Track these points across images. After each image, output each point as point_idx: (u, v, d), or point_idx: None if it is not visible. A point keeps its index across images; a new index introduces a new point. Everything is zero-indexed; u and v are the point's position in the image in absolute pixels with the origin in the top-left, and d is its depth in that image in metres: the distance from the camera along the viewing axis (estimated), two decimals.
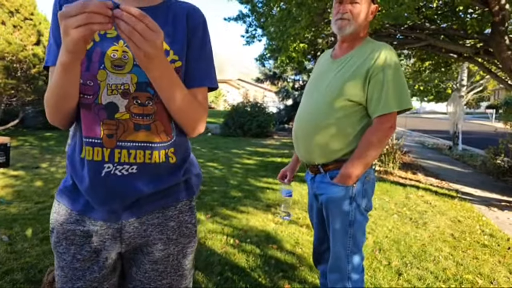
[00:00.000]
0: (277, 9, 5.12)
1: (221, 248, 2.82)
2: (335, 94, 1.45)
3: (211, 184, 4.93)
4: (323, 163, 1.50)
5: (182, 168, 0.92)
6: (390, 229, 3.37)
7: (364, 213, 1.47)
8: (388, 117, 1.39)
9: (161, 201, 0.89)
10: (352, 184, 1.42)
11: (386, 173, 6.04)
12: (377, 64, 1.39)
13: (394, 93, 1.38)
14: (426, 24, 5.28)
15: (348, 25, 1.46)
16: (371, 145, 1.39)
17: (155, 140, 0.84)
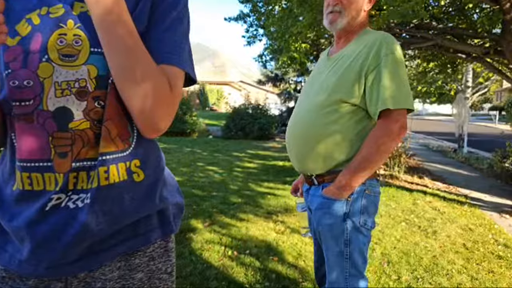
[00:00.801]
0: (279, 8, 4.95)
1: (219, 260, 2.65)
2: (327, 95, 1.25)
3: (210, 189, 4.75)
4: (317, 174, 1.31)
5: (155, 191, 0.67)
6: (399, 238, 3.18)
7: (363, 231, 1.24)
8: (392, 115, 1.16)
9: (124, 244, 0.65)
10: (346, 198, 1.21)
11: (392, 178, 5.84)
12: (373, 57, 1.18)
13: (391, 89, 1.16)
14: (433, 23, 5.10)
15: (340, 17, 1.28)
16: (372, 150, 1.17)
17: (110, 149, 0.60)
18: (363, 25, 1.34)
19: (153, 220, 0.69)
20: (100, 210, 0.60)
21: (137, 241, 0.67)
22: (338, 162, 1.25)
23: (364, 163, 1.18)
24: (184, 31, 0.67)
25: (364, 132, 1.23)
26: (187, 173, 5.73)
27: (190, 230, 3.20)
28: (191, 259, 2.65)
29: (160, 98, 0.60)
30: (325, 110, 1.24)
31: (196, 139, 11.14)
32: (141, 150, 0.65)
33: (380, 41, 1.20)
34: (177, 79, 0.64)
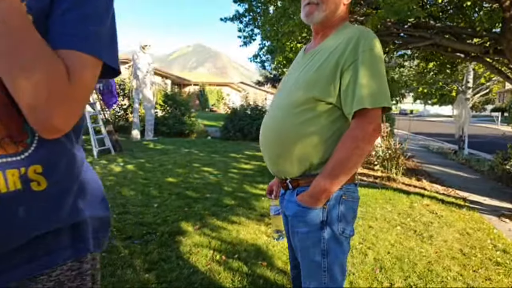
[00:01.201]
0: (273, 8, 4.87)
1: (206, 265, 2.56)
2: (300, 93, 1.15)
3: (204, 191, 4.67)
4: (291, 178, 1.22)
5: (63, 202, 0.57)
6: (393, 243, 3.09)
7: (342, 240, 1.16)
8: (368, 116, 1.07)
9: (20, 268, 0.54)
10: (322, 206, 1.13)
11: (389, 180, 5.74)
12: (350, 52, 1.09)
13: (368, 87, 1.07)
14: (431, 22, 5.01)
15: (317, 10, 1.19)
16: (347, 153, 1.08)
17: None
18: (343, 19, 1.25)
19: (63, 237, 0.59)
20: None
21: (39, 263, 0.56)
22: (313, 164, 1.16)
23: (339, 168, 1.09)
24: (95, 10, 0.57)
25: (339, 133, 1.14)
26: (182, 174, 5.65)
27: (179, 233, 3.12)
28: (178, 263, 2.56)
29: (54, 90, 0.50)
30: (299, 109, 1.15)
31: (194, 140, 11.06)
32: (44, 153, 0.55)
33: (358, 36, 1.11)
34: (81, 67, 0.53)
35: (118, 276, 2.34)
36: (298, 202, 1.16)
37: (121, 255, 2.64)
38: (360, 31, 1.13)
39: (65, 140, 0.59)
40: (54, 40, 0.53)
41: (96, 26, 0.56)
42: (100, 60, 0.56)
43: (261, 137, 1.30)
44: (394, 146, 6.24)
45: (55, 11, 0.54)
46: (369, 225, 3.52)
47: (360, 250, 2.90)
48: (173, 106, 11.65)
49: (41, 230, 0.55)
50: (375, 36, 1.14)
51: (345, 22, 1.26)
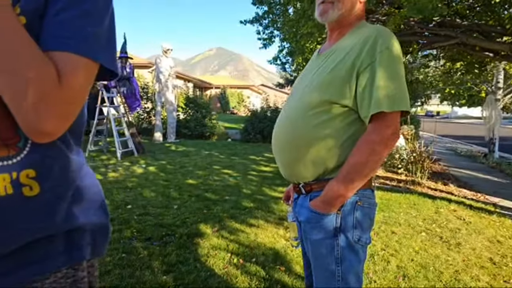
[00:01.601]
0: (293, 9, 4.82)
1: (223, 268, 2.55)
2: (314, 95, 1.11)
3: (223, 193, 4.67)
4: (304, 182, 1.17)
5: (57, 208, 0.55)
6: (417, 250, 2.97)
7: (358, 248, 1.10)
8: (386, 119, 1.02)
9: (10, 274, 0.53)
10: (335, 211, 1.08)
11: (414, 184, 5.56)
12: (367, 53, 1.04)
13: (386, 89, 1.01)
14: (457, 20, 4.81)
15: (332, 9, 1.15)
16: (363, 158, 1.03)
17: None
18: (359, 18, 1.20)
19: (56, 243, 0.57)
20: None
21: (32, 270, 0.54)
22: (327, 169, 1.11)
23: (354, 173, 1.04)
24: (92, 9, 0.55)
25: (356, 137, 1.09)
26: (202, 176, 5.69)
27: (197, 236, 3.13)
28: (195, 266, 2.56)
29: (43, 93, 0.48)
30: (313, 112, 1.11)
31: (215, 142, 11.14)
32: (38, 157, 0.53)
33: (376, 36, 1.05)
34: (74, 69, 0.51)
35: (136, 277, 2.36)
36: (311, 208, 1.12)
37: (140, 256, 2.66)
38: (377, 30, 1.08)
39: (61, 144, 0.58)
40: (46, 42, 0.51)
41: (93, 27, 0.54)
42: (95, 62, 0.55)
43: (274, 140, 1.27)
44: (419, 149, 6.04)
45: (49, 11, 0.52)
46: (392, 231, 3.41)
47: (382, 256, 2.81)
48: (195, 108, 11.79)
49: (33, 237, 0.54)
50: (393, 35, 1.09)
51: (362, 21, 1.20)
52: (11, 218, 0.51)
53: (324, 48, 1.27)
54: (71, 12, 0.52)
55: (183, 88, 14.93)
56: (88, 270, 0.63)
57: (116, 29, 0.61)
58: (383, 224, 3.58)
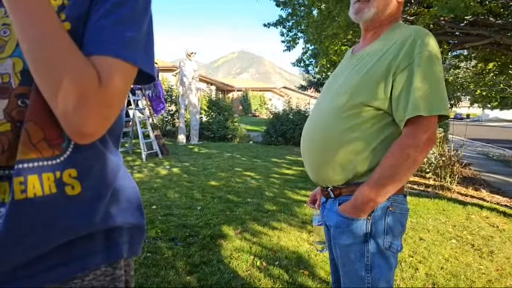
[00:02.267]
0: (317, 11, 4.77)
1: (246, 270, 2.54)
2: (347, 97, 1.07)
3: (245, 195, 4.67)
4: (333, 186, 1.14)
5: (96, 207, 0.57)
6: (447, 258, 2.85)
7: (388, 255, 1.06)
8: (422, 124, 0.98)
9: (54, 271, 0.54)
10: (366, 216, 1.04)
11: (443, 189, 5.36)
12: (404, 54, 1.00)
13: (424, 92, 0.97)
14: (491, 19, 4.61)
15: (367, 7, 1.11)
16: (396, 162, 0.99)
17: (30, 155, 0.51)
18: (395, 18, 1.16)
19: (96, 241, 0.59)
20: (15, 230, 0.50)
21: (73, 267, 0.56)
22: (357, 173, 1.08)
23: (387, 178, 1.00)
24: (132, 14, 0.56)
25: (389, 141, 1.05)
26: (224, 178, 5.71)
27: (220, 237, 3.14)
28: (219, 267, 2.56)
29: (84, 96, 0.50)
30: (344, 114, 1.08)
31: (237, 144, 11.18)
32: (80, 157, 0.55)
33: (414, 37, 1.01)
34: (113, 72, 0.53)
35: (161, 276, 2.39)
36: (340, 212, 1.09)
37: (165, 256, 2.70)
38: (415, 31, 1.04)
39: (100, 145, 0.59)
40: (87, 46, 0.53)
41: (132, 31, 0.56)
42: (134, 66, 0.56)
43: (302, 142, 1.24)
44: (449, 153, 5.82)
45: (92, 17, 0.54)
46: (420, 237, 3.29)
47: (410, 263, 2.71)
48: (217, 111, 11.90)
49: (74, 235, 0.55)
50: (432, 36, 1.04)
51: (398, 21, 1.17)
52: (54, 216, 0.53)
53: (357, 49, 1.24)
54: (111, 18, 0.54)
55: (206, 91, 15.12)
56: (125, 268, 0.65)
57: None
58: (410, 230, 3.47)
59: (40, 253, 0.53)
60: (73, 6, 0.53)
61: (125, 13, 0.55)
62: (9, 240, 0.50)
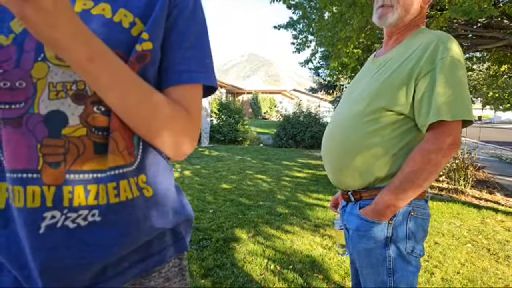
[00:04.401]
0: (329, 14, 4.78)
1: (260, 274, 2.55)
2: (367, 102, 1.08)
3: (257, 198, 4.69)
4: (353, 190, 1.15)
5: (167, 205, 0.62)
6: (463, 262, 2.82)
7: (411, 260, 1.06)
8: (445, 129, 0.98)
9: (138, 266, 0.59)
10: (387, 220, 1.04)
11: (457, 192, 5.29)
12: (427, 60, 1.00)
13: (447, 97, 0.97)
14: (504, 21, 4.56)
15: (391, 12, 1.11)
16: (418, 167, 0.99)
17: (119, 162, 0.55)
18: (419, 23, 1.16)
19: (167, 237, 0.65)
20: (111, 229, 0.54)
21: (152, 261, 0.62)
22: (378, 178, 1.09)
23: (408, 183, 1.00)
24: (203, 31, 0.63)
25: (411, 146, 1.06)
26: (236, 181, 5.74)
27: (233, 240, 3.16)
28: (233, 271, 2.58)
29: (181, 133, 0.59)
30: (365, 119, 1.08)
31: (247, 147, 11.22)
32: (147, 163, 0.60)
33: (436, 42, 1.01)
34: (196, 99, 0.61)
35: None
36: (361, 216, 1.10)
37: None
38: (437, 36, 1.04)
39: (157, 151, 0.65)
40: (174, 74, 0.60)
41: (208, 55, 0.63)
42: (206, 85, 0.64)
43: (323, 146, 1.25)
44: (462, 156, 5.75)
45: (168, 43, 0.59)
46: (435, 241, 3.26)
47: (425, 268, 2.69)
48: (227, 114, 11.96)
49: (155, 232, 0.61)
50: (454, 41, 1.04)
51: (421, 26, 1.17)
52: (141, 217, 0.57)
53: (380, 53, 1.24)
54: (193, 44, 0.61)
55: (216, 94, 15.20)
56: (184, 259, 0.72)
57: None
58: None
59: (128, 251, 0.58)
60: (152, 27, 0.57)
61: (200, 34, 0.62)
62: (107, 241, 0.54)
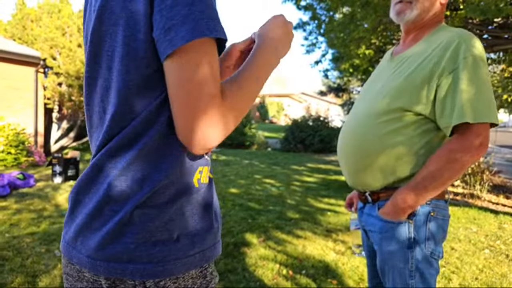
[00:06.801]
0: (340, 15, 4.74)
1: (272, 279, 2.49)
2: (387, 101, 1.05)
3: (266, 203, 4.63)
4: (371, 191, 1.11)
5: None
6: (481, 268, 2.73)
7: (431, 261, 1.03)
8: (471, 131, 0.94)
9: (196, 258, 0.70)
10: (408, 220, 1.02)
11: (473, 197, 5.17)
12: (449, 59, 0.97)
13: (471, 98, 0.94)
14: None
15: (409, 9, 1.08)
16: (443, 165, 0.96)
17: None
18: (438, 20, 1.12)
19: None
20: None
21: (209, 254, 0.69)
22: (397, 178, 1.05)
23: (430, 180, 0.97)
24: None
25: (429, 147, 1.03)
26: (244, 186, 5.70)
27: (244, 245, 3.10)
28: (244, 275, 2.53)
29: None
30: (384, 119, 1.05)
31: (255, 151, 11.18)
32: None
33: (458, 40, 0.98)
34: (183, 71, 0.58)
35: None
36: (381, 217, 1.06)
37: None
38: (459, 34, 1.00)
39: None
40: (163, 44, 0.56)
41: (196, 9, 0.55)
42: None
43: (339, 147, 1.22)
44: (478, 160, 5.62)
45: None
46: (451, 247, 3.17)
47: (443, 273, 2.61)
48: None
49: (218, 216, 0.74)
50: (477, 39, 1.01)
51: (441, 23, 1.13)
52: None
53: (398, 50, 1.20)
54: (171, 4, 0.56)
55: None
56: None
57: None
58: None
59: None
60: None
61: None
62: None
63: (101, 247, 0.59)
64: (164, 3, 0.53)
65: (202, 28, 0.53)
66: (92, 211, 0.61)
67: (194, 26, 0.52)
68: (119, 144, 0.60)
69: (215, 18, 0.55)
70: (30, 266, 2.53)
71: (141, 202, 0.59)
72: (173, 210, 0.61)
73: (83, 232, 0.62)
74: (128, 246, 0.58)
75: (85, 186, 0.63)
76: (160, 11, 0.53)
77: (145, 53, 0.57)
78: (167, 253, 0.60)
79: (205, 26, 0.53)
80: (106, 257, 0.59)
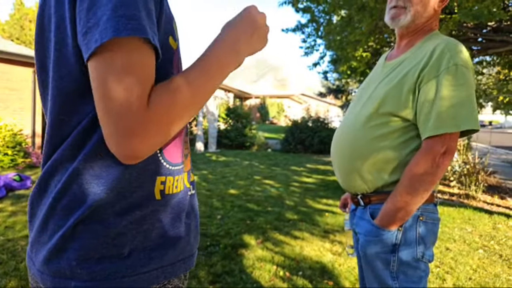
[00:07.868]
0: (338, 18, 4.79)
1: (269, 280, 2.54)
2: (376, 106, 1.09)
3: (265, 204, 4.68)
4: (362, 194, 1.15)
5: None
6: (475, 268, 2.78)
7: (420, 266, 1.06)
8: (439, 139, 0.98)
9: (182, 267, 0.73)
10: (397, 228, 1.05)
11: (468, 198, 5.22)
12: (431, 66, 1.00)
13: (450, 108, 0.97)
14: None
15: (404, 14, 1.11)
16: (416, 177, 1.00)
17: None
18: (431, 28, 1.15)
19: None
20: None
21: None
22: (386, 182, 1.09)
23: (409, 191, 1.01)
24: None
25: (417, 151, 1.06)
26: (244, 187, 5.74)
27: (242, 246, 3.15)
28: (241, 277, 2.58)
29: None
30: (373, 123, 1.09)
31: (255, 152, 11.22)
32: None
33: (443, 49, 1.01)
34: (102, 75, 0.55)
35: None
36: (371, 221, 1.10)
37: None
38: (445, 42, 1.03)
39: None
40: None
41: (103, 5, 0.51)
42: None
43: (332, 150, 1.26)
44: (473, 161, 5.68)
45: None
46: (446, 247, 3.22)
47: (437, 274, 2.66)
48: (235, 119, 11.98)
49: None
50: (462, 47, 1.04)
51: (434, 30, 1.16)
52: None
53: (391, 56, 1.23)
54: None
55: (224, 99, 15.27)
56: None
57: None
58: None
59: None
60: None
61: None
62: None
63: (47, 262, 0.57)
64: (82, 5, 0.51)
65: (118, 28, 0.48)
66: (40, 225, 0.59)
67: (107, 27, 0.48)
68: (62, 155, 0.57)
69: (134, 17, 0.50)
70: (24, 269, 2.54)
71: (84, 217, 0.56)
72: (124, 224, 0.58)
73: (35, 245, 0.60)
74: (71, 262, 0.56)
75: (37, 198, 0.61)
76: (79, 14, 0.51)
77: (75, 58, 0.54)
78: (113, 270, 0.56)
79: (122, 26, 0.48)
80: (52, 271, 0.57)
